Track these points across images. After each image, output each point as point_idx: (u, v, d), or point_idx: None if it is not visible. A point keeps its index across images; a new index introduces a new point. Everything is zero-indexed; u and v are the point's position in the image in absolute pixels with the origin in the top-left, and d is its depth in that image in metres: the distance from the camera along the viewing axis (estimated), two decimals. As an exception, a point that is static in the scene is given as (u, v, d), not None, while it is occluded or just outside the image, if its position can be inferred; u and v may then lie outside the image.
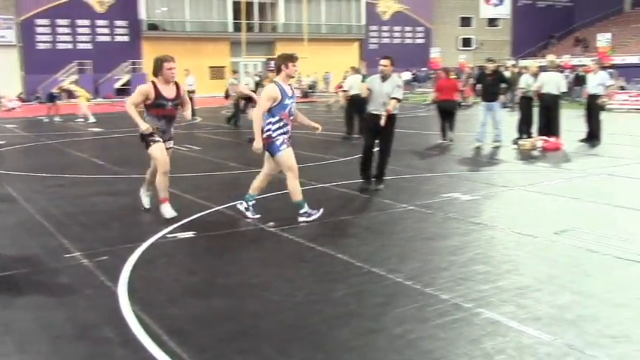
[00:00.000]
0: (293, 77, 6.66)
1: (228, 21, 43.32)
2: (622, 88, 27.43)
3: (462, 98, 21.93)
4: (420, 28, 53.48)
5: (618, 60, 42.89)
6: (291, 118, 6.64)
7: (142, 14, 39.22)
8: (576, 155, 11.58)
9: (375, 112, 8.28)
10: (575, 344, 3.63)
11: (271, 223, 6.55)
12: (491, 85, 12.89)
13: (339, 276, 4.96)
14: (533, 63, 16.20)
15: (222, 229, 6.51)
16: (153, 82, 6.75)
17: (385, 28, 52.03)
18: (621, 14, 56.59)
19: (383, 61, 8.45)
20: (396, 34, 52.86)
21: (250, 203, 6.89)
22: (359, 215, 7.02)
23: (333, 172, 10.07)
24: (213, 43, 41.97)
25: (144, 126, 6.67)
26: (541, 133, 12.61)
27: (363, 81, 11.88)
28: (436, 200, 7.66)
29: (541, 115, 12.79)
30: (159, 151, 6.79)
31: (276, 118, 6.50)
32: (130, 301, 4.42)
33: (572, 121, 14.83)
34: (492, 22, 58.28)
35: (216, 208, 7.37)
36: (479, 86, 13.71)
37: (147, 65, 36.58)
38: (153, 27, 39.74)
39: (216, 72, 42.17)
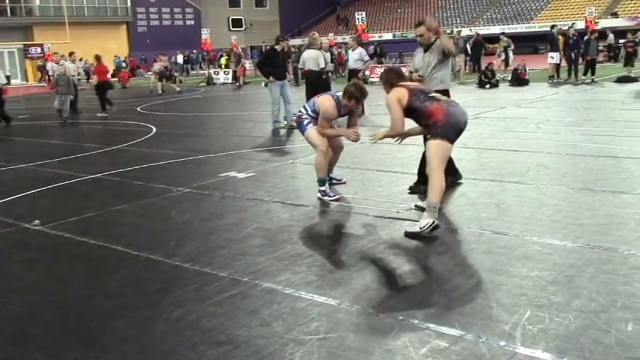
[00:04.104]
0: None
1: (-27, 4, 39.00)
2: (380, 62, 29.72)
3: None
4: (189, 10, 52.86)
5: (376, 37, 46.25)
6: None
7: None
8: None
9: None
10: (343, 300, 3.89)
11: (37, 221, 6.07)
12: (283, 63, 12.98)
13: (114, 268, 4.78)
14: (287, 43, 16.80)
15: (-21, 234, 5.90)
16: None
17: (153, 9, 50.59)
18: (375, -6, 60.82)
19: (419, 30, 6.53)
20: (165, 16, 51.69)
21: (323, 188, 6.50)
22: (133, 203, 6.80)
23: (104, 162, 9.62)
24: (-43, 29, 37.60)
25: None
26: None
27: None
28: (213, 181, 7.69)
29: (307, 91, 13.35)
30: None
31: (315, 115, 6.47)
32: None
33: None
34: (260, 2, 59.51)
35: (-29, 212, 6.66)
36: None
37: None
38: None
39: (-35, 61, 37.91)
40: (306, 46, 14.05)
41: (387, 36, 49.25)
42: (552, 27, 21.83)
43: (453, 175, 6.62)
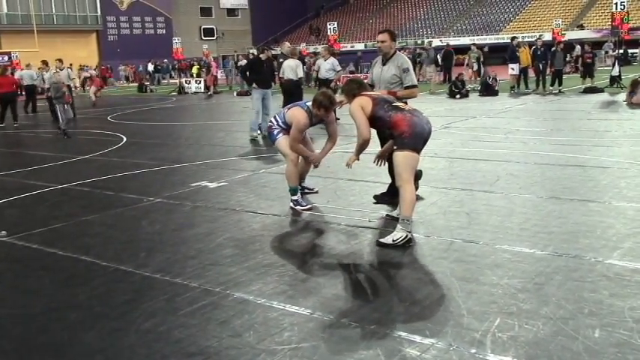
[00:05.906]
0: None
1: (-61, 11, 38.32)
2: (352, 72, 29.89)
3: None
4: (160, 18, 52.58)
5: (348, 46, 46.51)
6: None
7: None
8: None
9: None
10: (315, 310, 3.89)
11: (3, 232, 5.96)
12: (268, 73, 12.83)
13: (83, 279, 4.71)
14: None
15: (-57, 246, 5.77)
16: None
17: (123, 18, 50.21)
18: (347, 5, 61.49)
19: (381, 36, 6.40)
20: (136, 25, 51.35)
21: (295, 197, 6.50)
22: (103, 214, 6.71)
23: (73, 171, 9.49)
24: None
25: None
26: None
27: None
28: (184, 190, 7.64)
29: (284, 101, 13.36)
30: None
31: (285, 126, 6.45)
32: None
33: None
34: (232, 12, 59.49)
35: None
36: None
37: None
38: None
39: None
40: (284, 55, 14.06)
41: (359, 46, 49.52)
42: (512, 39, 22.18)
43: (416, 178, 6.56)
